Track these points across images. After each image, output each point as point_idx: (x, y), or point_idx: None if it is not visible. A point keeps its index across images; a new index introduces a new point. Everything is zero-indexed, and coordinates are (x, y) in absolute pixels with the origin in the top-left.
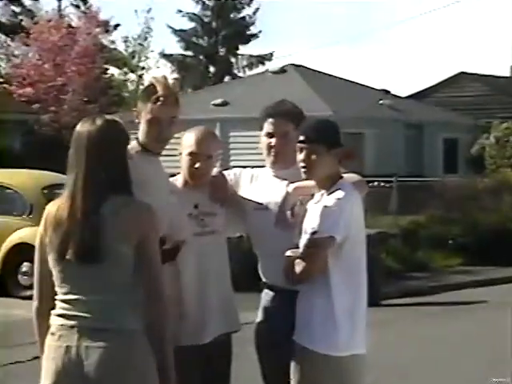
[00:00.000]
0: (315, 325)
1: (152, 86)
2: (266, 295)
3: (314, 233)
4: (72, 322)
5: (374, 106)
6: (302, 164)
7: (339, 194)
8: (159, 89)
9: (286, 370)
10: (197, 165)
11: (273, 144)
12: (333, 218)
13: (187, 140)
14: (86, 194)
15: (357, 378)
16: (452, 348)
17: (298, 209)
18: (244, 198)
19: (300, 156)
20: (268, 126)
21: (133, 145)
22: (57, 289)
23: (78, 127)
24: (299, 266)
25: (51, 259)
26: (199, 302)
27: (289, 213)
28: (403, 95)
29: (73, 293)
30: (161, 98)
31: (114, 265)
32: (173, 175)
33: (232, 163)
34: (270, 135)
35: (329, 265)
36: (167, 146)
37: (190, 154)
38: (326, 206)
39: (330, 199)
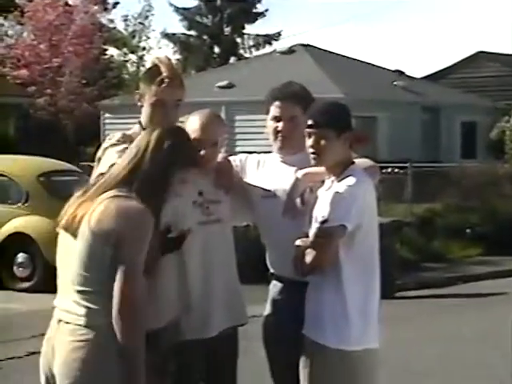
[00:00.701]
0: (326, 318)
1: (156, 67)
2: (275, 287)
3: (324, 221)
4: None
5: (387, 88)
6: (311, 150)
7: (350, 180)
8: (164, 70)
9: (295, 365)
10: (202, 152)
11: (280, 128)
12: (344, 206)
13: (191, 125)
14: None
15: (369, 373)
16: (471, 343)
17: (308, 196)
18: (251, 185)
19: (309, 141)
20: (275, 110)
21: (135, 129)
22: None
23: None
24: (309, 257)
25: None
26: (204, 294)
27: (298, 200)
28: (418, 76)
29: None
30: (166, 80)
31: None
32: None
33: (238, 148)
34: (276, 119)
35: (340, 255)
36: None
37: (195, 140)
38: (336, 194)
39: (340, 186)
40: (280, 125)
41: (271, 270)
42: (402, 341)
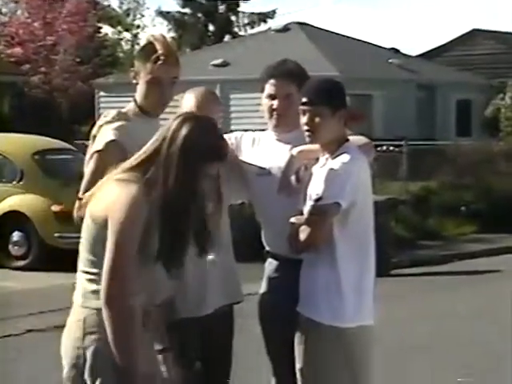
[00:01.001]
0: (320, 295)
1: (151, 44)
2: (270, 265)
3: (318, 199)
4: None
5: (382, 66)
6: (306, 127)
7: (345, 157)
8: (159, 48)
9: (291, 342)
10: None
11: (275, 106)
12: (338, 184)
13: (187, 103)
14: None
15: (363, 350)
16: (466, 320)
17: (303, 174)
18: (246, 163)
19: (303, 119)
20: (269, 88)
21: (130, 107)
22: None
23: None
24: (303, 234)
25: None
26: (199, 272)
27: (293, 178)
28: (413, 54)
29: None
30: (161, 58)
31: None
32: None
33: (233, 127)
34: (271, 97)
35: (334, 233)
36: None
37: None
38: (331, 171)
39: (335, 163)
40: (275, 103)
41: (267, 248)
42: (396, 318)
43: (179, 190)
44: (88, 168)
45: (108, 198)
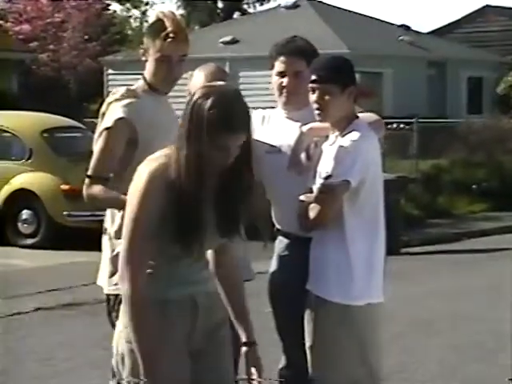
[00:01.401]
0: (329, 273)
1: (160, 21)
2: (280, 243)
3: (327, 177)
4: None
5: (393, 43)
6: (316, 105)
7: (354, 135)
8: (169, 24)
9: (301, 321)
10: None
11: (284, 84)
12: (347, 161)
13: (196, 81)
14: None
15: (372, 327)
16: (477, 298)
17: (313, 151)
18: (256, 141)
19: (313, 97)
20: (279, 65)
21: (139, 84)
22: None
23: None
24: (313, 212)
25: None
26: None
27: (303, 155)
28: (424, 31)
29: None
30: (171, 35)
31: None
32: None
33: None
34: (281, 74)
35: (344, 211)
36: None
37: None
38: (340, 148)
39: (344, 141)
40: (285, 80)
41: (277, 226)
42: (406, 296)
43: (198, 168)
44: (97, 146)
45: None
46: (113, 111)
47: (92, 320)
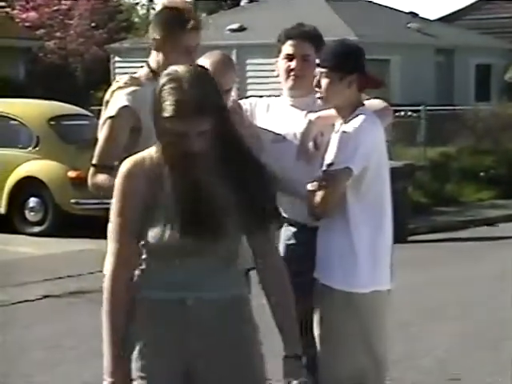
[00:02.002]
0: (334, 261)
1: (175, 10)
2: (287, 231)
3: (329, 164)
4: None
5: (400, 30)
6: (316, 89)
7: (356, 122)
8: (190, 15)
9: (310, 309)
10: None
11: (292, 67)
12: (349, 148)
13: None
14: None
15: (378, 315)
16: (484, 286)
17: (321, 140)
18: (261, 129)
19: (314, 81)
20: (287, 48)
21: (143, 72)
22: None
23: None
24: (317, 200)
25: None
26: None
27: (311, 144)
28: (432, 18)
29: None
30: (195, 26)
31: None
32: None
33: (249, 92)
34: (289, 57)
35: (347, 197)
36: None
37: None
38: (342, 136)
39: (346, 128)
40: (293, 63)
41: (283, 215)
42: (413, 284)
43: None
44: (101, 134)
45: None
46: (116, 99)
47: (98, 308)
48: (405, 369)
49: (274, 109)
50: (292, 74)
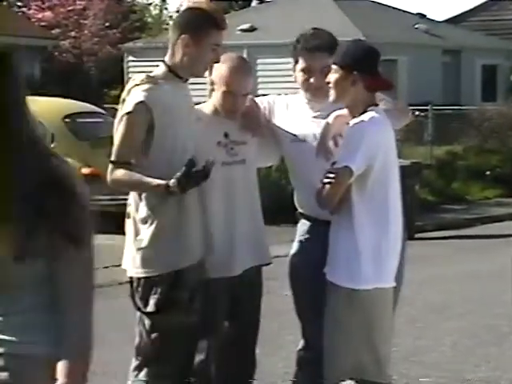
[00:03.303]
0: (339, 258)
1: (202, 10)
2: (303, 226)
3: (334, 163)
4: None
5: (408, 31)
6: (328, 85)
7: (361, 122)
8: (216, 14)
9: (321, 303)
10: (234, 109)
11: (312, 81)
12: (350, 147)
13: (223, 75)
14: None
15: (381, 312)
16: (489, 283)
17: (340, 139)
18: (280, 129)
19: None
20: (304, 62)
21: (159, 70)
22: None
23: None
24: (322, 195)
25: None
26: (227, 235)
27: (331, 143)
28: (440, 19)
29: None
30: (220, 24)
31: None
32: (197, 103)
33: (260, 91)
34: (306, 71)
35: (352, 195)
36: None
37: (227, 92)
38: (346, 136)
39: (351, 128)
40: (312, 79)
41: (300, 210)
42: (421, 280)
43: None
44: (118, 131)
45: None
46: (133, 96)
47: (113, 302)
48: (411, 364)
49: (292, 107)
50: (312, 87)
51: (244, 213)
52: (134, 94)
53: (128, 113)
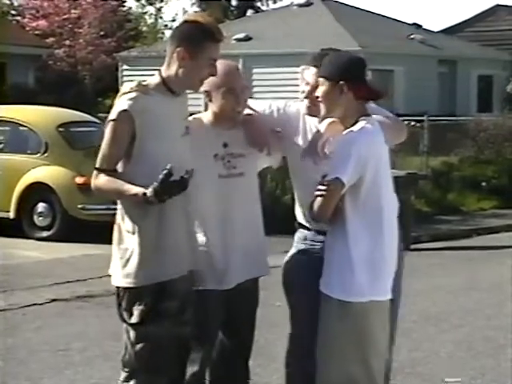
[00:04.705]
0: (333, 268)
1: (199, 24)
2: (301, 235)
3: (324, 175)
4: None
5: (404, 41)
6: (318, 99)
7: (351, 132)
8: (213, 28)
9: (316, 314)
10: (238, 106)
11: (314, 94)
12: (340, 159)
13: (219, 76)
14: None
15: (375, 326)
16: (485, 294)
17: (330, 143)
18: (289, 137)
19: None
20: (309, 75)
21: (153, 80)
22: None
23: None
24: (315, 206)
25: None
26: (223, 246)
27: (320, 146)
28: (435, 30)
29: None
30: (217, 37)
31: None
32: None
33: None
34: (309, 85)
35: (346, 206)
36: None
37: (227, 91)
38: (336, 147)
39: (342, 139)
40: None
41: (299, 220)
42: (417, 291)
43: None
44: (104, 138)
45: None
46: (118, 104)
47: (106, 312)
48: (407, 375)
49: (303, 115)
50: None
51: (242, 225)
52: (120, 101)
53: (112, 120)
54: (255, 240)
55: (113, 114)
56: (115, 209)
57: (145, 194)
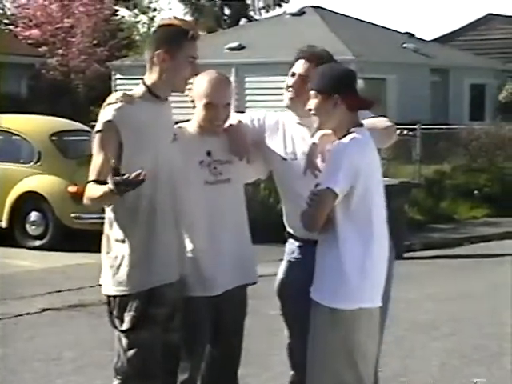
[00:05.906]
0: (323, 277)
1: (173, 26)
2: (291, 245)
3: (317, 185)
4: None
5: (397, 50)
6: (310, 112)
7: (341, 143)
8: (188, 26)
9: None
10: (217, 120)
11: (290, 84)
12: (331, 168)
13: (202, 88)
14: None
15: (364, 333)
16: (478, 302)
17: (327, 156)
18: (269, 147)
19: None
20: (294, 66)
21: (138, 89)
22: None
23: None
24: (305, 216)
25: None
26: (210, 253)
27: (319, 160)
28: (428, 39)
29: None
30: (193, 35)
31: None
32: (177, 122)
33: (248, 110)
34: (292, 74)
35: (337, 215)
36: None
37: (208, 104)
38: (328, 157)
39: (333, 149)
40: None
41: (288, 230)
42: (409, 300)
43: None
44: (93, 150)
45: None
46: (103, 114)
47: (98, 321)
48: None
49: (283, 125)
50: (290, 89)
51: (229, 231)
52: (104, 112)
53: (98, 131)
54: (242, 246)
55: (98, 125)
56: None
57: (111, 189)
